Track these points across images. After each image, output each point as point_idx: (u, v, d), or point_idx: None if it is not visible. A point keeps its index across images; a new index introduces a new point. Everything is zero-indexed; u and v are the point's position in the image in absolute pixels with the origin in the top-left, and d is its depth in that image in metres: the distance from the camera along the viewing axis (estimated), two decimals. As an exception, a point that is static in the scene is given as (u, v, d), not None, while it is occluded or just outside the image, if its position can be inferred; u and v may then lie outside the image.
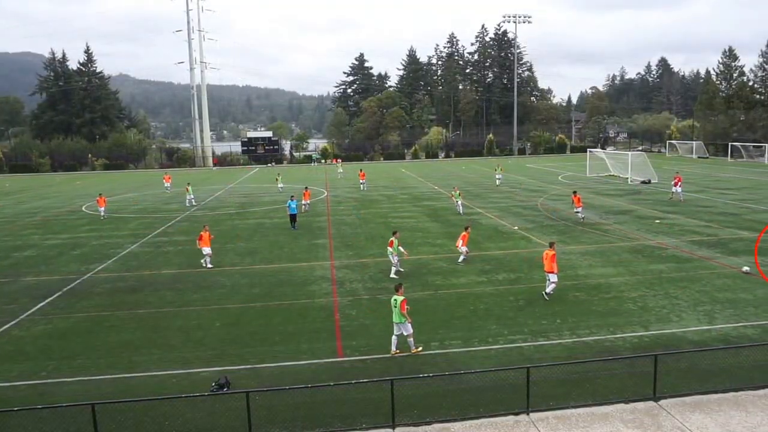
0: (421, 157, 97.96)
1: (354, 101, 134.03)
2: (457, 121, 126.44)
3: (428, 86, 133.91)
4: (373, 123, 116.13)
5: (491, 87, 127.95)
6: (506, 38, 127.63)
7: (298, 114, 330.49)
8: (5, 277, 22.52)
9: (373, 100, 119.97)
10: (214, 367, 13.47)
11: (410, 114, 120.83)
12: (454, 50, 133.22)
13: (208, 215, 37.72)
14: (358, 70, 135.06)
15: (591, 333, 15.01)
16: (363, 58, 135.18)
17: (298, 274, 21.77)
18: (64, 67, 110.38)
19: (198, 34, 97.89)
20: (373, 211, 37.47)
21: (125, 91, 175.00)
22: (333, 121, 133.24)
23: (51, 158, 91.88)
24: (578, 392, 11.70)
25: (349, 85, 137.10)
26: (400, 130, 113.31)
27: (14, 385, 12.94)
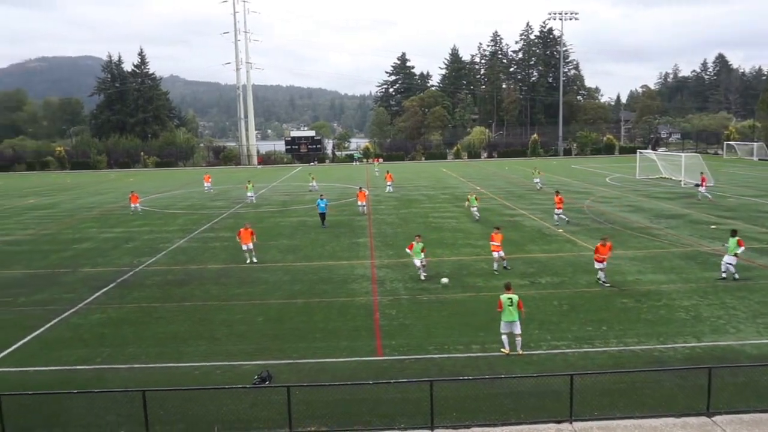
0: (463, 157, 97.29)
1: (396, 101, 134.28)
2: (501, 121, 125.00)
3: (471, 85, 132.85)
4: (414, 122, 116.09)
5: (536, 86, 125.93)
6: (552, 36, 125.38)
7: (341, 113, 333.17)
8: (66, 267, 23.68)
9: (414, 99, 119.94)
10: (256, 360, 13.82)
11: (452, 113, 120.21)
12: (497, 49, 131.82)
13: (251, 213, 38.56)
14: (400, 69, 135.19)
15: (639, 342, 14.60)
16: (405, 58, 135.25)
17: (338, 272, 22.04)
18: (119, 70, 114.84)
19: (244, 36, 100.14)
20: (414, 211, 37.50)
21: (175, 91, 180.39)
22: (374, 120, 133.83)
23: (107, 155, 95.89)
24: (624, 403, 11.38)
25: (390, 85, 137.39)
26: (441, 130, 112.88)
27: (73, 368, 13.65)
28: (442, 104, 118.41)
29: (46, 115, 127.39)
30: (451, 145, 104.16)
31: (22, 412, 11.15)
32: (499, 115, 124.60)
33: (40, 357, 14.39)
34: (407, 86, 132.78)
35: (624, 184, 50.41)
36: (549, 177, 57.32)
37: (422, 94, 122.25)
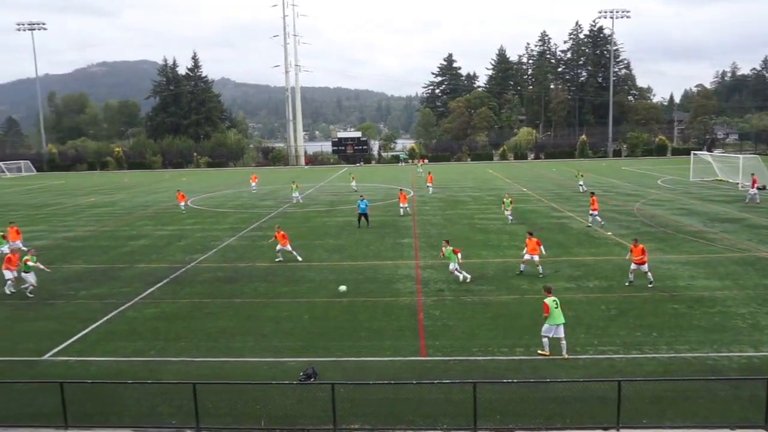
0: (510, 158, 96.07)
1: (442, 102, 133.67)
2: (548, 122, 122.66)
3: (518, 86, 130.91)
4: (460, 123, 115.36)
5: (585, 86, 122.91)
6: (602, 35, 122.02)
7: (387, 114, 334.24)
8: (123, 263, 24.75)
9: (461, 100, 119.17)
10: (302, 357, 14.10)
11: (499, 114, 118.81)
12: (545, 48, 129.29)
13: (299, 212, 39.25)
14: (446, 70, 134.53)
15: (691, 349, 14.11)
16: (451, 59, 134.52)
17: (383, 272, 22.20)
18: (174, 73, 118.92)
19: (293, 39, 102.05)
20: (460, 212, 37.33)
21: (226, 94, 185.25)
22: (420, 121, 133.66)
23: (162, 156, 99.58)
24: (675, 412, 11.05)
25: (437, 86, 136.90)
26: (488, 131, 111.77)
27: (129, 360, 14.27)
28: (489, 105, 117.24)
29: (106, 117, 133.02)
30: (497, 146, 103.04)
31: (82, 399, 11.75)
32: (547, 116, 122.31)
33: (99, 348, 15.12)
34: (453, 87, 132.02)
35: (677, 187, 48.68)
36: (598, 179, 55.98)
37: (468, 95, 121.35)
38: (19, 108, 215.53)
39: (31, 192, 60.85)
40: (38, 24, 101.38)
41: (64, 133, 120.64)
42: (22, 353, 14.84)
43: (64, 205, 47.37)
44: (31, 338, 15.88)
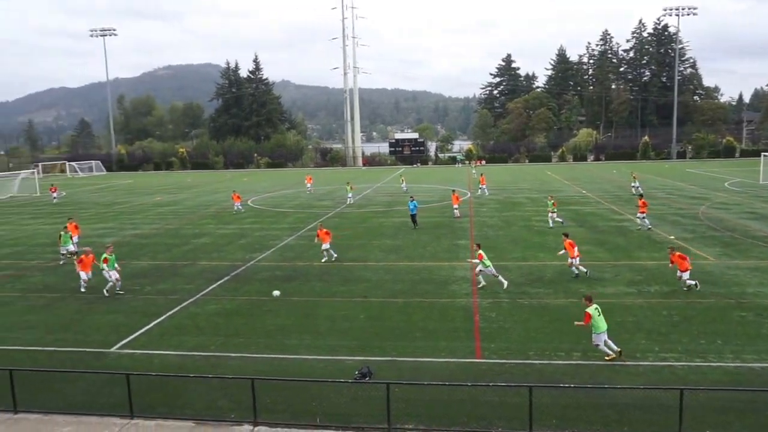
0: (569, 160, 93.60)
1: (500, 102, 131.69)
2: (609, 123, 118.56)
3: (578, 86, 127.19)
4: (518, 124, 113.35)
5: (648, 86, 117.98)
6: (667, 33, 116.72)
7: (444, 116, 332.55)
8: (186, 260, 25.73)
9: (519, 101, 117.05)
10: (357, 356, 14.22)
11: (558, 115, 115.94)
12: (607, 48, 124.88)
13: (355, 213, 39.63)
14: (504, 71, 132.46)
15: (760, 359, 13.36)
16: (510, 59, 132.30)
17: (439, 273, 22.10)
18: (236, 76, 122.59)
19: (352, 41, 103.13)
20: (517, 214, 36.69)
21: (286, 95, 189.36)
22: (478, 122, 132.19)
23: (224, 156, 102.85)
24: (741, 424, 10.52)
25: (495, 87, 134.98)
26: (546, 132, 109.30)
27: (190, 354, 14.81)
28: (548, 106, 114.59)
29: (172, 119, 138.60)
30: (556, 147, 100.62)
31: (147, 390, 12.29)
32: (608, 117, 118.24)
33: (162, 342, 15.76)
34: (512, 88, 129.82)
35: (745, 190, 46.04)
36: (661, 181, 53.71)
37: (527, 96, 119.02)
38: (91, 110, 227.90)
39: (101, 191, 64.18)
40: (109, 30, 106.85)
41: (132, 135, 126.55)
42: (91, 345, 15.66)
43: (132, 203, 49.70)
44: (100, 331, 16.74)
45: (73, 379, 13.17)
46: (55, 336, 16.50)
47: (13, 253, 28.68)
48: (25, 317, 18.33)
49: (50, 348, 15.58)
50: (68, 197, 57.57)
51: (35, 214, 44.68)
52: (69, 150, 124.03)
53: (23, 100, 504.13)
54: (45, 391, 12.72)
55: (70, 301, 19.81)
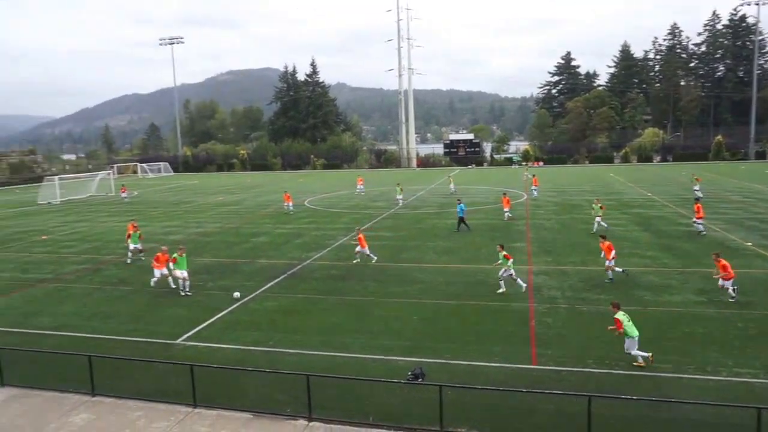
0: (633, 161, 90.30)
1: (558, 102, 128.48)
2: (677, 122, 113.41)
3: (643, 83, 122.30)
4: (578, 124, 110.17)
5: (722, 82, 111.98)
6: (744, 24, 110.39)
7: (500, 116, 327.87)
8: (246, 258, 26.51)
9: (579, 100, 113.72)
10: (410, 357, 14.25)
11: (621, 114, 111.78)
12: (675, 42, 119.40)
13: (409, 214, 39.68)
14: (564, 69, 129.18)
15: None
16: (570, 57, 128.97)
17: (494, 276, 21.75)
18: (294, 79, 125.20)
19: (407, 43, 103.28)
20: (576, 217, 35.72)
21: (342, 98, 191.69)
22: (535, 122, 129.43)
23: (281, 158, 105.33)
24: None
25: (553, 86, 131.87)
26: (608, 132, 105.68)
27: (249, 349, 15.27)
28: (610, 105, 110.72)
29: (233, 122, 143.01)
30: (618, 148, 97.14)
31: (209, 381, 12.75)
32: (676, 115, 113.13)
33: (223, 336, 16.31)
34: (571, 87, 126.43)
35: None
36: (736, 184, 50.92)
37: (587, 95, 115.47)
38: (160, 115, 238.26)
39: (169, 191, 66.99)
40: (177, 38, 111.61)
41: (196, 137, 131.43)
42: (160, 336, 16.42)
43: (196, 203, 51.64)
44: (167, 323, 17.52)
45: (143, 367, 13.85)
46: (128, 326, 17.41)
47: (91, 249, 30.41)
48: (102, 308, 19.44)
49: (123, 337, 16.47)
50: (140, 197, 60.48)
51: (110, 212, 47.20)
52: (140, 152, 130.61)
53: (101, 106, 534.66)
54: (119, 377, 13.45)
55: (141, 294, 20.83)
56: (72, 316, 18.78)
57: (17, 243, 33.21)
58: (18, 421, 12.08)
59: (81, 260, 27.50)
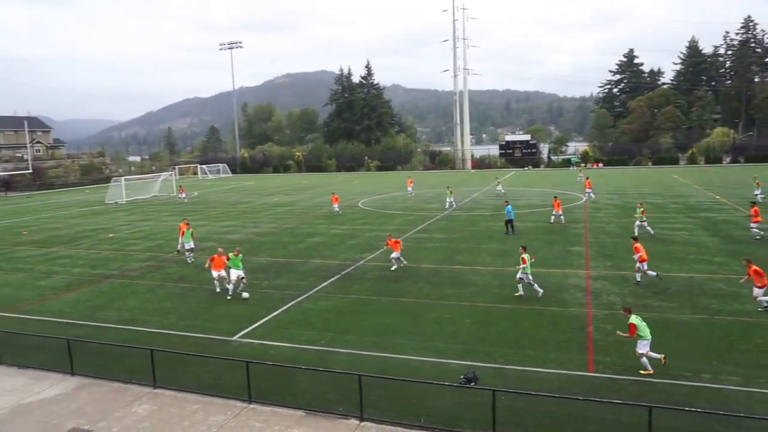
0: (700, 162, 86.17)
1: (620, 101, 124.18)
2: (750, 121, 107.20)
3: (712, 81, 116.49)
4: (641, 124, 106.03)
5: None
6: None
7: (558, 116, 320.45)
8: (301, 258, 26.98)
9: (642, 99, 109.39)
10: (462, 360, 14.09)
11: (687, 113, 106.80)
12: (749, 36, 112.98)
13: (463, 216, 39.31)
14: (626, 67, 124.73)
15: None
16: (632, 54, 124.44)
17: (550, 280, 21.30)
18: (349, 81, 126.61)
19: (462, 43, 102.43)
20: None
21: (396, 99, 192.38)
22: (595, 122, 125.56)
23: (336, 160, 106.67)
24: None
25: (615, 84, 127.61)
26: (673, 132, 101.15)
27: (303, 347, 15.52)
28: (676, 103, 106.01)
29: (289, 124, 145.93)
30: (684, 149, 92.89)
31: (263, 378, 13.03)
32: (748, 114, 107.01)
33: (278, 334, 16.64)
34: (634, 85, 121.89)
35: None
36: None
37: (651, 93, 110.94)
38: (219, 118, 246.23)
39: (227, 191, 69.05)
40: (236, 43, 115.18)
41: (254, 139, 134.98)
42: (217, 332, 16.93)
43: (253, 203, 52.99)
44: (225, 320, 18.04)
45: (202, 362, 14.31)
46: (187, 322, 18.05)
47: (154, 246, 31.74)
48: (164, 304, 20.25)
49: (183, 332, 17.08)
50: (200, 197, 62.66)
51: (172, 211, 49.12)
52: (200, 154, 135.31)
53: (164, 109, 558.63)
54: (178, 371, 13.96)
55: (200, 291, 21.55)
56: (135, 310, 19.65)
57: (87, 240, 35.06)
58: (87, 408, 12.73)
59: (144, 257, 28.73)
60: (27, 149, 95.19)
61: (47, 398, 13.37)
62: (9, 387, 14.01)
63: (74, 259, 29.02)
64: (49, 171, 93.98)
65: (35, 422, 12.25)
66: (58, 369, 14.65)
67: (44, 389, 13.82)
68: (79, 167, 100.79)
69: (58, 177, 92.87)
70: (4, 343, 15.76)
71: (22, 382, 14.27)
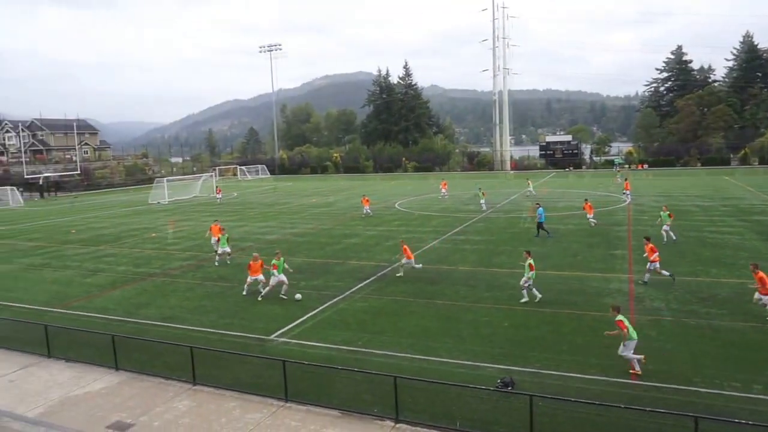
0: (753, 163, 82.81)
1: (667, 100, 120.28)
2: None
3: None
4: (689, 124, 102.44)
5: None
6: None
7: (601, 116, 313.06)
8: (337, 259, 27.12)
9: (691, 97, 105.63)
10: (499, 364, 13.88)
11: (740, 112, 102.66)
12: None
13: (502, 218, 38.82)
14: (673, 65, 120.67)
15: None
16: (681, 51, 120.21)
17: (591, 284, 20.79)
18: (387, 82, 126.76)
19: (502, 42, 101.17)
20: (685, 224, 33.24)
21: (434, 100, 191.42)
22: (640, 122, 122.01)
23: (373, 161, 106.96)
24: None
25: (661, 83, 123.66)
26: (724, 132, 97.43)
27: (338, 348, 15.57)
28: (727, 102, 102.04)
29: (327, 125, 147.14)
30: (736, 149, 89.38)
31: (299, 378, 13.12)
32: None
33: (314, 334, 16.74)
34: (682, 83, 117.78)
35: None
36: None
37: (701, 92, 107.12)
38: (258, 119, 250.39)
39: (265, 192, 70.10)
40: (275, 45, 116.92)
41: (292, 141, 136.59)
42: (255, 331, 17.15)
43: (291, 204, 53.62)
44: (263, 319, 18.27)
45: (239, 360, 14.51)
46: (226, 321, 18.36)
47: (194, 246, 32.46)
48: (203, 302, 20.66)
49: (221, 331, 17.38)
50: (239, 198, 63.87)
51: (212, 212, 50.16)
52: (240, 155, 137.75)
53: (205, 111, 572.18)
54: (217, 369, 14.20)
55: (239, 291, 21.87)
56: (176, 308, 20.11)
57: (131, 239, 36.15)
58: (129, 402, 13.09)
59: (185, 257, 29.40)
60: (76, 151, 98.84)
61: (92, 391, 13.82)
62: (59, 380, 14.57)
63: (119, 258, 29.95)
64: (95, 172, 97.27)
65: (81, 414, 12.67)
66: (103, 364, 15.13)
67: (90, 383, 14.29)
68: (123, 168, 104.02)
69: (104, 178, 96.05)
70: (54, 337, 16.36)
71: (70, 375, 14.80)
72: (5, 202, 67.49)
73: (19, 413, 12.82)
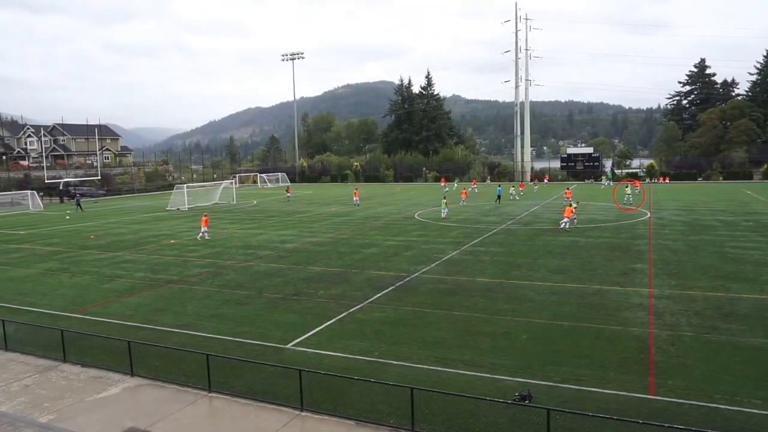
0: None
1: (689, 113, 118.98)
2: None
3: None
4: (712, 137, 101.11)
5: None
6: None
7: (623, 129, 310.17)
8: (355, 268, 27.20)
9: (714, 111, 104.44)
10: (516, 377, 13.78)
11: (764, 127, 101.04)
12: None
13: (522, 230, 38.58)
14: (696, 78, 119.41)
15: None
16: (704, 64, 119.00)
17: (610, 297, 20.57)
18: (409, 92, 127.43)
19: (524, 53, 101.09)
20: (706, 238, 32.72)
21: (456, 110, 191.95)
22: (662, 135, 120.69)
23: (394, 170, 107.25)
24: None
25: (684, 96, 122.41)
26: (747, 146, 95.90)
27: (355, 357, 15.56)
28: (751, 116, 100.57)
29: (348, 134, 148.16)
30: (759, 163, 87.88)
31: (315, 387, 13.17)
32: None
33: (331, 343, 16.78)
34: (705, 97, 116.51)
35: None
36: None
37: (724, 105, 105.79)
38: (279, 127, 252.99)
39: (285, 200, 70.59)
40: (298, 54, 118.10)
41: (312, 149, 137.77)
42: (271, 340, 17.25)
43: (311, 213, 53.92)
44: (279, 327, 18.38)
45: (255, 368, 14.61)
46: (242, 328, 18.50)
47: (213, 253, 32.82)
48: (221, 310, 20.85)
49: (238, 338, 17.50)
50: (258, 205, 64.39)
51: (231, 219, 50.70)
52: (260, 163, 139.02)
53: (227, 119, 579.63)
54: (232, 376, 14.32)
55: (256, 298, 22.07)
56: (193, 315, 20.30)
57: (150, 245, 36.63)
58: (144, 408, 13.23)
59: (204, 264, 29.72)
60: (97, 156, 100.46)
61: (107, 397, 13.99)
62: (74, 385, 14.75)
63: (137, 264, 30.36)
64: (116, 178, 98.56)
65: (96, 420, 12.82)
66: (118, 369, 15.30)
67: (105, 388, 14.46)
68: (144, 174, 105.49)
69: (124, 183, 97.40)
70: (70, 342, 16.56)
71: (85, 381, 14.99)
72: (25, 205, 68.84)
73: (33, 418, 12.96)
